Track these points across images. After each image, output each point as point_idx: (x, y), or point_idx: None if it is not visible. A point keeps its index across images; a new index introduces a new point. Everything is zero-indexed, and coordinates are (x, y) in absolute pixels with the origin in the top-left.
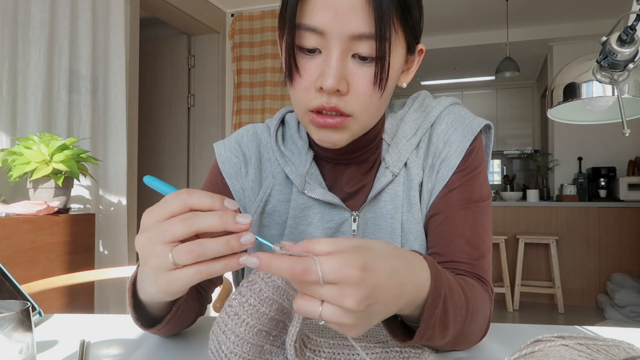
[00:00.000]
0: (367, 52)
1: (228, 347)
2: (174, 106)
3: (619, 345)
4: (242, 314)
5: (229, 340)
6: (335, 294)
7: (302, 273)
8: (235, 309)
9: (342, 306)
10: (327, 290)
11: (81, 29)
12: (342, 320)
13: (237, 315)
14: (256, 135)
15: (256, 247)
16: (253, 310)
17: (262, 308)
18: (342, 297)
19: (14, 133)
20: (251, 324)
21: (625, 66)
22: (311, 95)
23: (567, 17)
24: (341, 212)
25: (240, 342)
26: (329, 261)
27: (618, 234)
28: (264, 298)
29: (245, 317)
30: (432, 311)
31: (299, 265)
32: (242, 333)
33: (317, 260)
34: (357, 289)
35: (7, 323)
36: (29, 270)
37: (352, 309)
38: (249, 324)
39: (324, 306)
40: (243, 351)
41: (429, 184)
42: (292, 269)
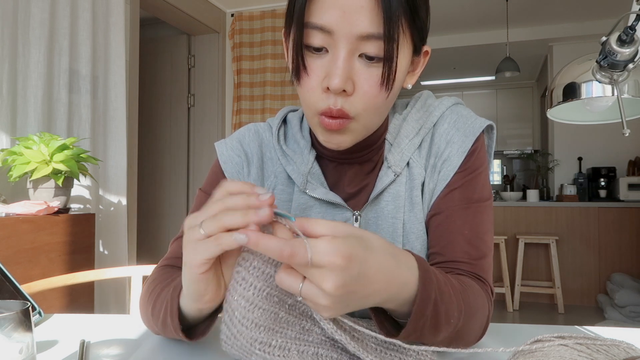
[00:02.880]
0: (375, 52)
1: (240, 313)
2: (174, 106)
3: (619, 345)
4: (249, 277)
5: (240, 306)
6: (317, 275)
7: (289, 256)
8: (242, 274)
9: (321, 287)
10: (311, 271)
11: (81, 29)
12: (318, 300)
13: (244, 279)
14: (258, 135)
15: None
16: (258, 272)
17: (267, 269)
18: (322, 279)
19: (14, 133)
20: (259, 287)
21: (625, 66)
22: (318, 96)
23: (567, 17)
24: (343, 211)
25: (251, 307)
26: (317, 245)
27: (618, 234)
28: (267, 259)
29: (252, 280)
30: (421, 313)
31: (287, 248)
32: (252, 297)
33: (308, 246)
34: (338, 275)
35: (7, 323)
36: (29, 270)
37: (329, 292)
38: (256, 287)
39: (304, 284)
40: (255, 316)
41: (430, 184)
42: (280, 250)
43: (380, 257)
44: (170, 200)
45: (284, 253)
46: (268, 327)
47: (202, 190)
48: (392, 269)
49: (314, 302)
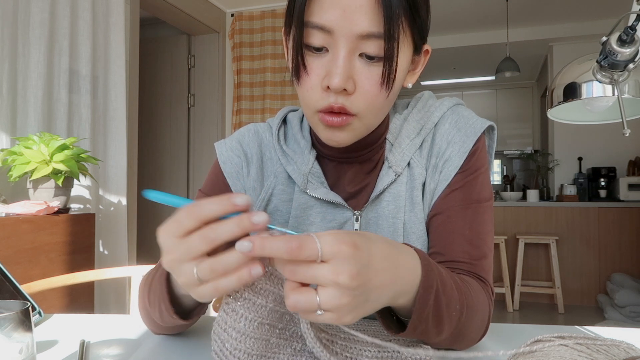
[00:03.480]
0: (375, 51)
1: (231, 344)
2: (174, 106)
3: (619, 345)
4: (239, 309)
5: (231, 338)
6: (329, 271)
7: (298, 249)
8: (231, 305)
9: (337, 283)
10: (321, 269)
11: (81, 29)
12: (340, 301)
13: (235, 311)
14: (258, 135)
15: None
16: (249, 304)
17: (258, 300)
18: (336, 273)
19: (14, 133)
20: (250, 318)
21: (626, 66)
22: (318, 95)
23: (567, 17)
24: (343, 211)
25: (242, 337)
26: (322, 237)
27: (618, 234)
28: (258, 290)
29: (243, 312)
30: (425, 302)
31: (294, 242)
32: (243, 328)
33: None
34: (350, 263)
35: (7, 323)
36: (29, 270)
37: (347, 285)
38: (247, 318)
39: (320, 292)
40: (247, 347)
41: (431, 184)
42: (288, 245)
43: (382, 245)
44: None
45: (292, 247)
46: (260, 354)
47: (202, 191)
48: (396, 255)
49: (335, 305)
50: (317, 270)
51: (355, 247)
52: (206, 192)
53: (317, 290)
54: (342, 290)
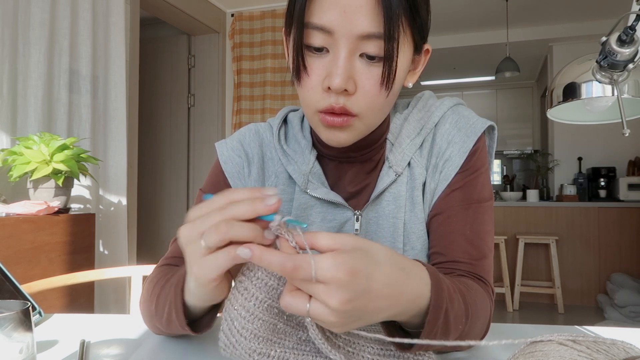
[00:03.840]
0: (375, 51)
1: (240, 323)
2: (174, 106)
3: (619, 345)
4: (251, 287)
5: (240, 316)
6: (323, 292)
7: (292, 270)
8: (244, 284)
9: (327, 304)
10: (316, 287)
11: (81, 29)
12: (327, 318)
13: (247, 289)
14: (258, 135)
15: None
16: (261, 284)
17: (270, 281)
18: (327, 296)
19: (14, 133)
20: (260, 298)
21: (625, 66)
22: (319, 95)
23: (567, 17)
24: (344, 211)
25: (251, 317)
26: (321, 260)
27: (618, 234)
28: (270, 271)
29: (255, 291)
30: (434, 324)
31: (289, 262)
32: (252, 307)
33: (312, 260)
34: (343, 290)
35: (7, 323)
36: (29, 270)
37: (336, 308)
38: (258, 298)
39: (311, 303)
40: (254, 327)
41: (432, 184)
42: (282, 264)
43: (388, 270)
44: (170, 200)
45: (286, 267)
46: (266, 338)
47: (202, 191)
48: (402, 282)
49: (322, 320)
50: (311, 286)
51: (352, 274)
52: (207, 192)
53: (310, 299)
54: (330, 310)
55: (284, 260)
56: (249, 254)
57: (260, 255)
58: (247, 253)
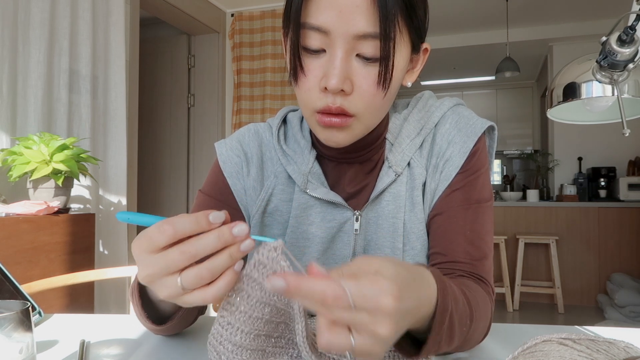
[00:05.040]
0: (372, 52)
1: (228, 357)
2: (174, 106)
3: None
4: (235, 322)
5: (227, 350)
6: (369, 321)
7: (334, 299)
8: (227, 319)
9: (376, 334)
10: (359, 316)
11: (81, 29)
12: (374, 349)
13: (230, 324)
14: (258, 135)
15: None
16: (245, 317)
17: (255, 313)
18: (375, 324)
19: (14, 133)
20: (246, 331)
21: (625, 66)
22: (316, 96)
23: (567, 17)
24: (343, 211)
25: (239, 350)
26: (361, 287)
27: (618, 234)
28: (253, 303)
29: (239, 325)
30: (440, 327)
31: (331, 290)
32: (239, 341)
33: (347, 288)
34: (392, 317)
35: (7, 323)
36: (29, 270)
37: (386, 337)
38: (243, 331)
39: (355, 336)
40: (243, 358)
41: (432, 184)
42: (324, 293)
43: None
44: (170, 200)
45: (328, 295)
46: None
47: (202, 191)
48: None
49: (369, 352)
50: (355, 316)
51: (398, 300)
52: (206, 192)
53: (352, 333)
54: (378, 340)
55: (325, 287)
56: (284, 286)
57: (298, 285)
58: (282, 285)
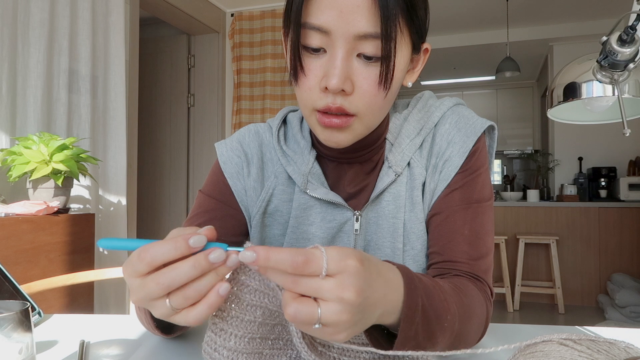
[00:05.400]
0: (372, 51)
1: None
2: (174, 106)
3: (619, 345)
4: (228, 327)
5: (222, 357)
6: (335, 285)
7: (303, 263)
8: (219, 325)
9: (342, 298)
10: (326, 283)
11: (81, 28)
12: (341, 317)
13: (223, 330)
14: (258, 135)
15: None
16: (237, 322)
17: (247, 317)
18: (342, 288)
19: (13, 133)
20: (240, 335)
21: (626, 66)
22: (316, 95)
23: (567, 17)
24: (343, 211)
25: (234, 355)
26: (328, 251)
27: (618, 234)
28: (244, 307)
29: (232, 330)
30: (410, 321)
31: (300, 256)
32: (234, 346)
33: (322, 250)
34: (357, 278)
35: (6, 323)
36: (29, 270)
37: (351, 301)
38: (237, 336)
39: (322, 305)
40: None
41: (431, 184)
42: (293, 259)
43: (375, 261)
44: (170, 200)
45: (298, 262)
46: None
47: (202, 191)
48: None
49: (336, 321)
50: (322, 284)
51: (361, 262)
52: (207, 193)
53: (319, 302)
54: (344, 306)
55: (294, 254)
56: (254, 257)
57: (267, 255)
58: (252, 256)
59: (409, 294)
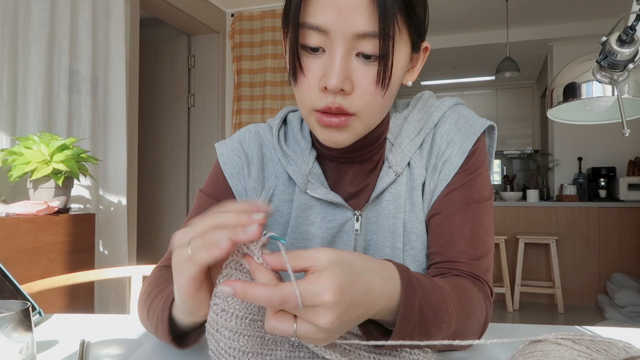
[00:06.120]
0: (371, 50)
1: (225, 343)
2: (174, 106)
3: (619, 345)
4: (229, 308)
5: (224, 337)
6: (310, 314)
7: (279, 304)
8: (220, 305)
9: (316, 324)
10: (302, 311)
11: (81, 29)
12: (315, 336)
13: (224, 310)
14: (258, 135)
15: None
16: (238, 302)
17: None
18: (316, 317)
19: (14, 133)
20: (241, 316)
21: (625, 66)
22: (315, 95)
23: (567, 17)
24: (344, 211)
25: (235, 336)
26: (306, 289)
27: (618, 234)
28: None
29: (233, 311)
30: (406, 321)
31: (276, 296)
32: (235, 327)
33: (297, 291)
34: (332, 310)
35: (7, 323)
36: (29, 270)
37: (326, 327)
38: (238, 316)
39: (298, 324)
40: (241, 344)
41: (431, 184)
42: (269, 299)
43: (367, 278)
44: (170, 200)
45: (273, 301)
46: (256, 352)
47: (202, 191)
48: (378, 285)
49: (311, 338)
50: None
51: (340, 293)
52: (207, 193)
53: (297, 320)
54: (319, 330)
55: (270, 294)
56: (231, 291)
57: (244, 292)
58: (229, 291)
59: (407, 296)
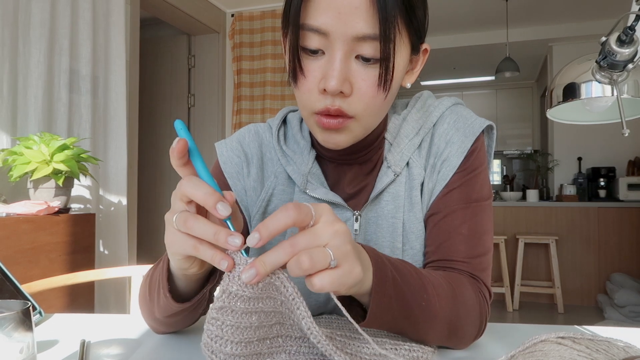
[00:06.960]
0: (371, 53)
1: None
2: (174, 106)
3: (618, 345)
4: (223, 335)
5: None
6: (325, 225)
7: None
8: (214, 332)
9: (336, 231)
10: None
11: (81, 29)
12: (346, 246)
13: (219, 337)
14: (258, 135)
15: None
16: (232, 330)
17: (242, 324)
18: (331, 224)
19: (14, 133)
20: (236, 341)
21: (625, 66)
22: (315, 97)
23: (567, 17)
24: (343, 211)
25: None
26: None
27: (618, 234)
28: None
29: (228, 337)
30: (382, 292)
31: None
32: (230, 351)
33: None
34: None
35: (7, 323)
36: (29, 270)
37: (343, 229)
38: (233, 342)
39: (328, 245)
40: None
41: (430, 184)
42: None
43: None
44: (170, 200)
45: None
46: None
47: None
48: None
49: (344, 252)
50: (314, 230)
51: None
52: None
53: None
54: (342, 237)
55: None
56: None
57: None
58: (256, 237)
59: (378, 267)
